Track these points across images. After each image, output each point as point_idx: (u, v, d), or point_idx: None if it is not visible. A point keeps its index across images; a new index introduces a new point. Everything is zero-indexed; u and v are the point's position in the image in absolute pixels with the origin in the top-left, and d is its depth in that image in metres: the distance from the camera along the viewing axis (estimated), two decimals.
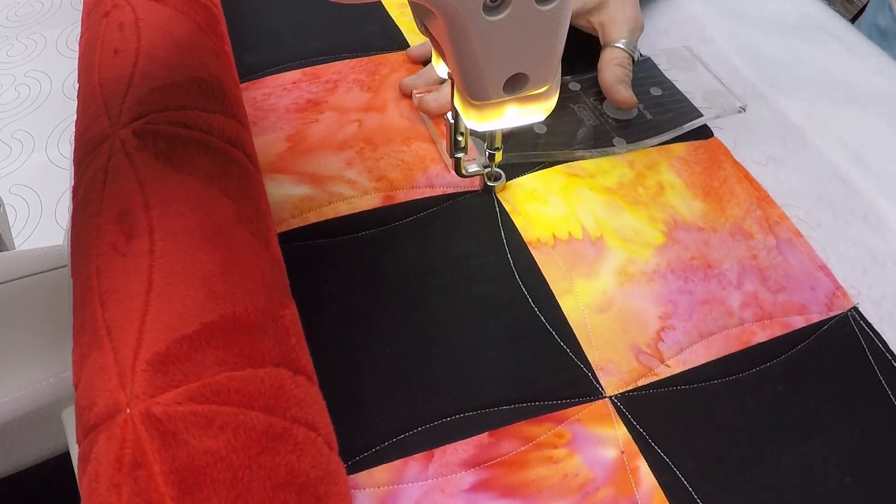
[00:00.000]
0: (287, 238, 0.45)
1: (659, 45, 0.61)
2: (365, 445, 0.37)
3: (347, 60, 0.58)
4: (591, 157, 0.51)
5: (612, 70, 0.53)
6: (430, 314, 0.42)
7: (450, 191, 0.49)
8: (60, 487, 0.46)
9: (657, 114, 0.53)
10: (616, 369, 0.40)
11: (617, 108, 0.53)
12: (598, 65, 0.54)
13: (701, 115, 0.53)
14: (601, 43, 0.55)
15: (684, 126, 0.53)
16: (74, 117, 0.42)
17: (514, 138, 0.51)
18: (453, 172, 0.49)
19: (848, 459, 0.38)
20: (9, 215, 1.28)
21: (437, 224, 0.47)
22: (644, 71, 0.56)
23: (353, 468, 0.36)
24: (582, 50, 0.55)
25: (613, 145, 0.51)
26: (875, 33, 0.75)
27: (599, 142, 0.52)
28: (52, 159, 1.48)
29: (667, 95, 0.55)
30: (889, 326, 0.43)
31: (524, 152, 0.50)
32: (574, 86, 0.55)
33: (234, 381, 0.29)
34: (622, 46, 0.54)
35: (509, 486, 0.36)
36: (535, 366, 0.40)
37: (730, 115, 0.54)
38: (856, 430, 0.39)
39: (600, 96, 0.55)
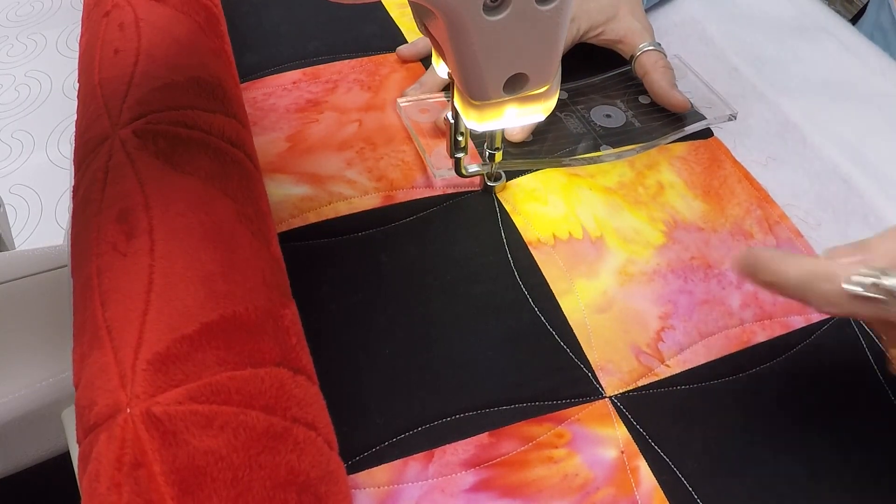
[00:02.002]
0: (287, 238, 0.46)
1: None
2: (365, 445, 0.37)
3: (347, 60, 0.58)
4: (579, 165, 0.51)
5: (664, 74, 0.53)
6: (430, 314, 0.42)
7: (450, 191, 0.49)
8: (60, 487, 0.46)
9: (646, 122, 0.53)
10: (616, 369, 0.40)
11: (671, 110, 0.53)
12: (639, 71, 0.54)
13: (690, 124, 0.53)
14: (625, 53, 0.55)
15: (672, 134, 0.52)
16: (74, 117, 0.42)
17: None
18: (436, 181, 0.49)
19: (848, 459, 0.38)
20: (9, 215, 1.28)
21: (437, 224, 0.47)
22: (636, 77, 0.56)
23: (354, 468, 0.36)
24: (569, 59, 0.54)
25: (600, 153, 0.51)
26: (877, 33, 0.75)
27: (587, 150, 0.52)
28: (52, 159, 1.48)
29: (655, 104, 0.54)
30: None
31: (511, 160, 0.50)
32: (562, 94, 0.55)
33: (234, 381, 0.29)
34: (658, 49, 0.54)
35: (509, 486, 0.36)
36: (535, 366, 0.40)
37: (721, 123, 0.54)
38: (856, 430, 0.39)
39: (588, 104, 0.55)
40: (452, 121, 0.43)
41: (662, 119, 0.53)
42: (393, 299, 0.43)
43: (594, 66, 0.57)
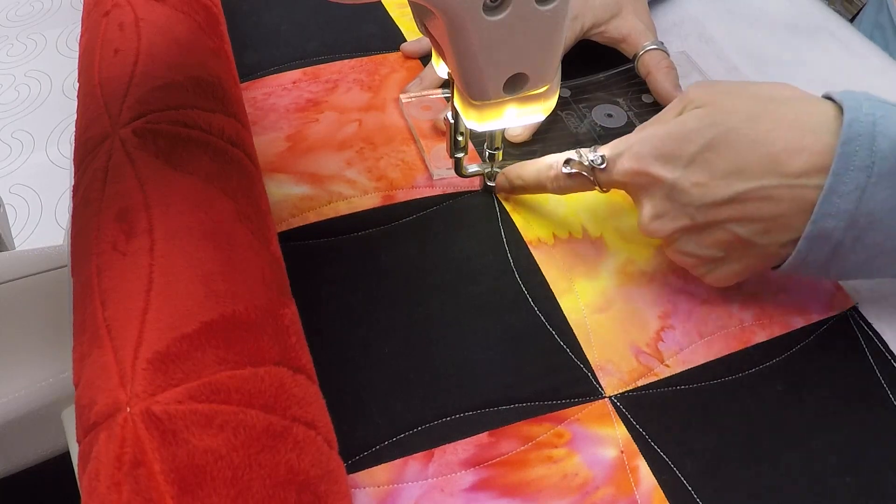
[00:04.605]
0: (287, 237, 0.46)
1: None
2: (365, 444, 0.37)
3: (347, 60, 0.58)
4: None
5: (667, 74, 0.53)
6: (429, 314, 0.42)
7: (450, 190, 0.49)
8: (60, 487, 0.46)
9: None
10: (616, 369, 0.40)
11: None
12: (642, 70, 0.54)
13: None
14: (627, 52, 0.55)
15: None
16: (74, 117, 0.42)
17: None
18: (435, 179, 0.49)
19: (848, 459, 0.38)
20: (9, 215, 1.28)
21: (437, 224, 0.47)
22: (640, 75, 0.56)
23: (353, 467, 0.36)
24: (573, 56, 0.55)
25: None
26: (876, 32, 0.75)
27: None
28: (52, 159, 1.48)
29: (658, 103, 0.54)
30: (889, 326, 0.43)
31: (509, 160, 0.50)
32: (564, 92, 0.55)
33: (234, 380, 0.29)
34: (661, 48, 0.54)
35: (509, 486, 0.36)
36: (534, 366, 0.40)
37: None
38: (856, 430, 0.39)
39: (590, 103, 0.54)
40: (452, 121, 0.43)
41: None
42: (393, 299, 0.43)
43: (598, 64, 0.57)
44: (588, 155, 0.40)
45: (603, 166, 0.40)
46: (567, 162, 0.41)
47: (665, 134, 0.37)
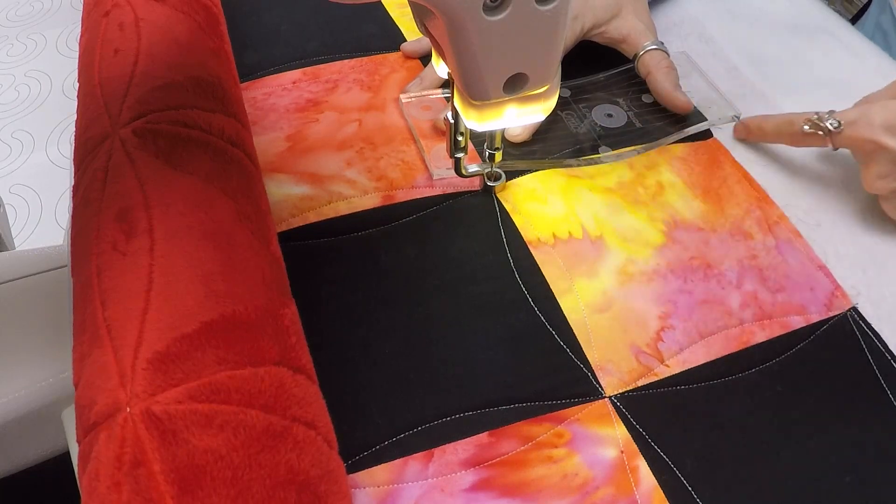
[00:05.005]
0: (287, 237, 0.46)
1: None
2: (365, 444, 0.37)
3: (347, 60, 0.58)
4: (578, 166, 0.51)
5: (668, 75, 0.53)
6: (429, 314, 0.42)
7: (450, 191, 0.49)
8: (60, 487, 0.46)
9: (646, 122, 0.53)
10: (616, 369, 0.40)
11: (674, 111, 0.53)
12: (642, 71, 0.54)
13: (691, 125, 0.53)
14: (627, 53, 0.55)
15: (674, 135, 0.52)
16: (74, 117, 0.42)
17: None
18: (435, 179, 0.49)
19: (847, 459, 0.38)
20: (9, 215, 1.28)
21: (437, 224, 0.47)
22: (640, 75, 0.56)
23: (353, 467, 0.36)
24: (573, 56, 0.55)
25: (599, 153, 0.51)
26: (877, 34, 0.75)
27: (586, 150, 0.51)
28: (52, 159, 1.48)
29: (658, 103, 0.54)
30: (888, 326, 0.43)
31: (511, 160, 0.50)
32: (564, 92, 0.55)
33: (234, 380, 0.29)
34: (661, 48, 0.54)
35: (509, 486, 0.36)
36: (535, 366, 0.40)
37: (723, 124, 0.54)
38: (855, 430, 0.39)
39: (590, 103, 0.54)
40: (452, 121, 0.43)
41: (664, 119, 0.53)
42: (393, 299, 0.43)
43: (598, 64, 0.57)
44: (826, 118, 0.46)
45: (839, 130, 0.46)
46: (807, 121, 0.47)
47: (894, 109, 0.44)
